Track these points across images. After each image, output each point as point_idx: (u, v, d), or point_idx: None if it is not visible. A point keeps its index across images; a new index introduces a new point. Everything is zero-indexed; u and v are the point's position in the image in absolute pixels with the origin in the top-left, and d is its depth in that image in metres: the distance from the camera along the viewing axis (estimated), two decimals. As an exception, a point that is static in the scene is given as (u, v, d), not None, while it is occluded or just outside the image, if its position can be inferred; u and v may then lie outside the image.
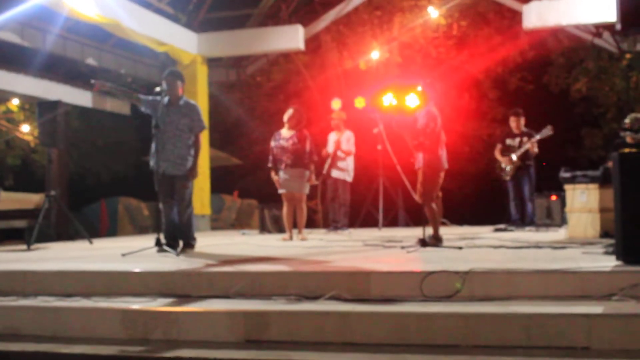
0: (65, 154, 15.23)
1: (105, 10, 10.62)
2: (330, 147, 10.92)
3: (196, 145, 7.55)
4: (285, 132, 9.52)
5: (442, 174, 7.56)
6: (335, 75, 18.70)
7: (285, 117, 9.53)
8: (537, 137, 10.24)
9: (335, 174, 10.88)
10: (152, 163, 7.39)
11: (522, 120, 10.60)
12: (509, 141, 10.56)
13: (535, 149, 10.31)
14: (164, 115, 7.37)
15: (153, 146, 7.35)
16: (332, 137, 11.00)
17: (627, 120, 8.81)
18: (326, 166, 10.83)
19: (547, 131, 10.17)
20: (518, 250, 6.80)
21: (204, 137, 13.24)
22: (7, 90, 13.66)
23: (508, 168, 10.44)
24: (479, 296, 4.73)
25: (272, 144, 9.55)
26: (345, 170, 10.90)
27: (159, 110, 7.35)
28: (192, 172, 7.47)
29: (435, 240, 7.43)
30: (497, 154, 10.64)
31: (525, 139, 10.34)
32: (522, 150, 10.31)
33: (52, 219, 11.91)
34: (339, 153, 10.81)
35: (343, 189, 10.93)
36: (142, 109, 7.61)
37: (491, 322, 4.29)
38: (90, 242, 9.78)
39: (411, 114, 7.77)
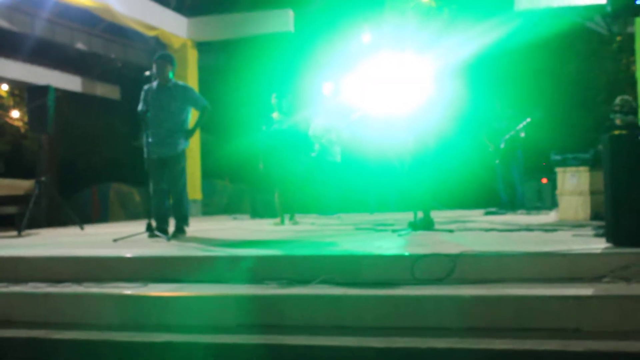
0: (56, 139, 15.22)
1: (95, -6, 10.57)
2: (317, 132, 10.82)
3: (199, 119, 7.64)
4: (278, 116, 9.48)
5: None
6: (325, 59, 18.63)
7: (275, 101, 9.49)
8: (518, 128, 10.36)
9: (327, 157, 10.83)
10: (144, 152, 7.36)
11: (507, 104, 10.67)
12: (495, 124, 10.63)
13: (521, 134, 10.39)
14: (154, 100, 7.35)
15: (144, 132, 7.33)
16: (320, 121, 10.90)
17: (616, 102, 8.83)
18: (316, 150, 10.77)
19: (524, 120, 10.31)
20: (509, 233, 6.81)
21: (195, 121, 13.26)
22: (-4, 76, 13.61)
23: (496, 151, 10.51)
24: (470, 279, 4.74)
25: (264, 127, 9.50)
26: (336, 153, 10.87)
27: (149, 96, 7.35)
28: (189, 133, 7.52)
29: (427, 224, 7.44)
30: (485, 138, 10.71)
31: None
32: (507, 136, 10.40)
33: (43, 205, 11.90)
34: (332, 137, 10.76)
35: (334, 172, 10.90)
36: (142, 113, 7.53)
37: (482, 304, 4.30)
38: (82, 228, 9.76)
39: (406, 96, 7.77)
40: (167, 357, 4.28)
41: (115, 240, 7.00)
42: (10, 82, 15.15)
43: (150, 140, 7.29)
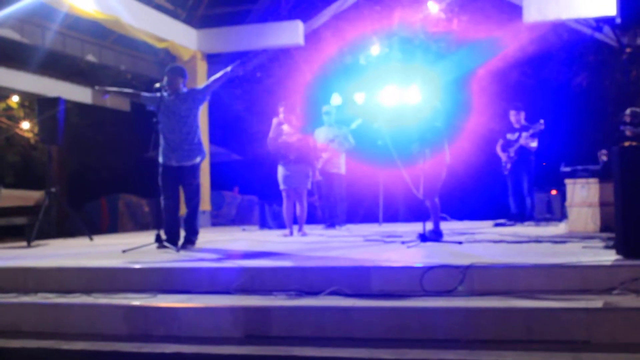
0: (65, 151, 15.27)
1: (105, 7, 10.61)
2: (319, 141, 10.72)
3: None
4: (287, 127, 9.47)
5: (445, 169, 7.58)
6: (335, 71, 18.69)
7: (282, 115, 9.46)
8: (530, 131, 10.24)
9: (331, 169, 10.78)
10: (160, 158, 7.40)
11: (522, 115, 10.60)
12: (509, 135, 10.56)
13: (533, 144, 10.29)
14: (165, 108, 7.38)
15: (161, 141, 7.37)
16: (323, 132, 10.83)
17: (626, 114, 8.81)
18: (320, 161, 10.72)
19: (539, 126, 10.17)
20: (518, 245, 6.80)
21: (204, 132, 13.29)
22: (7, 87, 13.66)
23: (507, 163, 10.45)
24: (479, 291, 4.73)
25: (272, 134, 9.44)
26: (340, 165, 10.83)
27: (162, 105, 7.38)
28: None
29: (436, 235, 7.44)
30: (498, 149, 10.65)
31: (524, 133, 10.34)
32: (516, 146, 10.32)
33: (53, 216, 11.91)
34: (339, 148, 10.72)
35: (339, 184, 10.87)
36: (148, 106, 7.62)
37: (491, 316, 4.29)
38: (91, 239, 9.78)
39: (416, 108, 7.81)
40: (176, 368, 4.29)
41: (124, 251, 7.01)
42: (20, 93, 15.20)
43: (164, 147, 7.34)
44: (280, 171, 9.43)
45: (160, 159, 7.41)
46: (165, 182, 7.43)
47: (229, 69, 7.52)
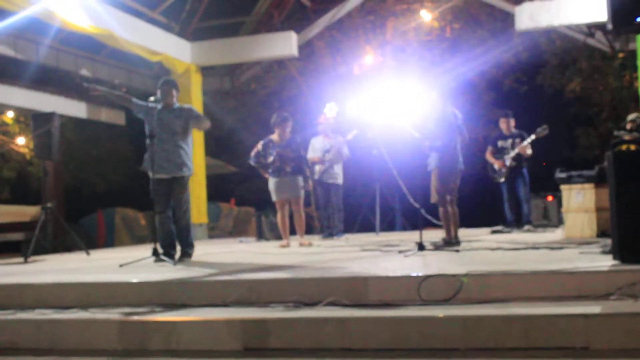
0: (61, 165, 15.24)
1: (98, 21, 10.61)
2: (317, 153, 10.74)
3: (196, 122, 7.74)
4: (277, 138, 9.45)
5: (458, 175, 7.62)
6: (329, 81, 18.73)
7: (277, 128, 9.46)
8: (532, 137, 10.16)
9: (328, 179, 10.77)
10: (149, 170, 7.38)
11: (512, 122, 10.56)
12: (500, 142, 10.52)
13: (529, 151, 10.24)
14: (158, 120, 7.36)
15: (148, 154, 7.35)
16: (320, 142, 10.83)
17: (629, 120, 8.81)
18: (318, 172, 10.71)
19: (543, 130, 10.06)
20: (515, 252, 6.80)
21: (200, 145, 13.30)
22: (1, 103, 13.65)
23: (502, 170, 10.40)
24: (477, 299, 4.72)
25: (260, 147, 9.44)
26: (338, 175, 10.81)
27: (154, 117, 7.37)
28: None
29: (449, 244, 7.45)
30: (489, 156, 10.59)
31: (517, 140, 10.30)
32: (514, 152, 10.26)
33: (49, 231, 11.88)
34: (339, 158, 10.70)
35: (336, 194, 10.85)
36: (135, 113, 7.61)
37: (489, 324, 4.28)
38: (88, 254, 9.76)
39: (425, 114, 7.85)
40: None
41: (121, 266, 7.00)
42: (15, 109, 15.21)
43: (156, 159, 7.32)
44: (272, 183, 9.42)
45: (151, 173, 7.39)
46: (157, 196, 7.40)
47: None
